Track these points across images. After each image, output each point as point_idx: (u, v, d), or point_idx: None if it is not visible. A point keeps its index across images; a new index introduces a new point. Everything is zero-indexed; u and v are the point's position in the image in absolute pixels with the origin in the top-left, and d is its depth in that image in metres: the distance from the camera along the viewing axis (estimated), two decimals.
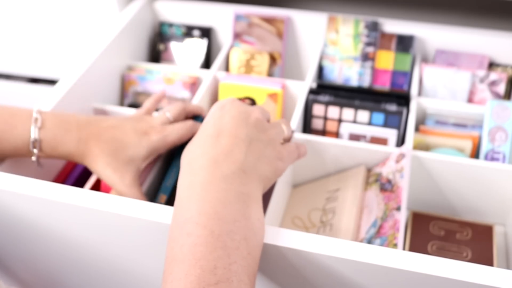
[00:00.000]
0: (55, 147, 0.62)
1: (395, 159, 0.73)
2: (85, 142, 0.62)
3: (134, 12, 0.96)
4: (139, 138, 0.64)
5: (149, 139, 0.65)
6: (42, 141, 0.62)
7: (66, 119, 0.63)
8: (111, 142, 0.63)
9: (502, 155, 0.79)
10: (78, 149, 0.62)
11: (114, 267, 0.64)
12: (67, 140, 0.62)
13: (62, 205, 0.56)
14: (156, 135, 0.65)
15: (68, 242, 0.63)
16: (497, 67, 0.90)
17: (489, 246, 0.73)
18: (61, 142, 0.62)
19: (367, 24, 0.92)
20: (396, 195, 0.67)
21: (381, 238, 0.64)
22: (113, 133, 0.63)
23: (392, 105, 0.83)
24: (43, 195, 0.56)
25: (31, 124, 0.61)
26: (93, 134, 0.63)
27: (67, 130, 0.62)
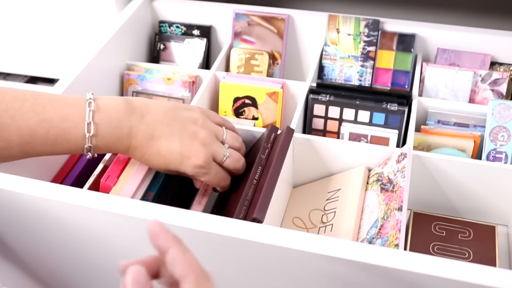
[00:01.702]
0: (107, 151, 0.63)
1: (396, 159, 0.72)
2: (133, 150, 0.64)
3: (133, 11, 0.96)
4: (181, 160, 0.63)
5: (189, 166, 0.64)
6: (95, 147, 0.62)
7: (119, 124, 0.62)
8: (156, 156, 0.64)
9: (504, 155, 0.78)
10: (128, 153, 0.64)
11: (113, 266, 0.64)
12: (119, 147, 0.63)
13: (62, 204, 0.56)
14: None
15: (67, 242, 0.62)
16: (499, 66, 0.90)
17: (492, 247, 0.72)
18: (113, 148, 0.63)
19: (367, 23, 0.91)
20: (397, 195, 0.67)
21: (382, 238, 0.64)
22: (158, 147, 0.63)
23: (393, 105, 0.82)
24: (42, 195, 0.56)
25: (85, 130, 0.60)
26: (140, 146, 0.63)
27: (119, 138, 0.62)
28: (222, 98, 0.89)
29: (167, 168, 0.64)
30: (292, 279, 0.55)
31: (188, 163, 0.63)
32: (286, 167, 0.74)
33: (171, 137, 0.63)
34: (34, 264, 0.69)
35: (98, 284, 0.69)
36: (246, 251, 0.53)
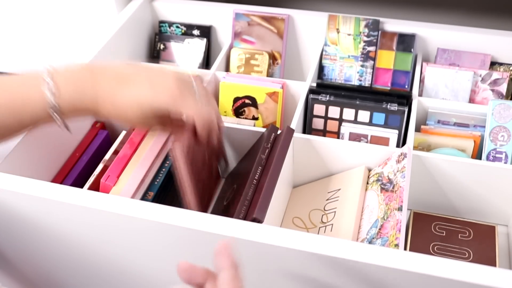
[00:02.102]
0: (73, 109, 0.59)
1: (396, 159, 0.72)
2: (102, 102, 0.59)
3: (133, 11, 0.96)
4: (153, 94, 0.60)
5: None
6: (60, 106, 0.58)
7: (80, 77, 0.59)
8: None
9: (504, 155, 0.78)
10: (97, 108, 0.59)
11: (113, 266, 0.64)
12: (85, 102, 0.59)
13: (62, 204, 0.56)
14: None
15: (67, 241, 0.62)
16: (499, 66, 0.90)
17: (492, 247, 0.72)
18: (78, 104, 0.59)
19: (367, 23, 0.91)
20: (397, 195, 0.67)
21: (382, 238, 0.64)
22: (128, 90, 0.60)
23: (393, 105, 0.82)
24: (42, 195, 0.56)
25: (45, 91, 0.57)
26: (108, 95, 0.59)
27: (83, 91, 0.59)
28: (222, 98, 0.89)
29: (141, 110, 0.60)
30: (292, 279, 0.55)
31: (160, 94, 0.59)
32: (286, 167, 0.74)
33: (138, 77, 0.60)
34: (33, 263, 0.69)
35: (97, 284, 0.69)
36: (246, 251, 0.53)
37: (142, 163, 0.70)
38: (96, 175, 0.71)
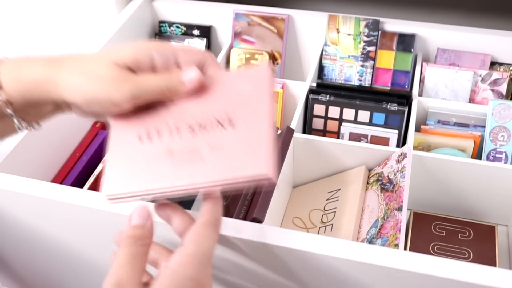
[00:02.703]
0: (19, 79, 0.52)
1: (396, 159, 0.72)
2: (54, 66, 0.52)
3: (133, 11, 0.96)
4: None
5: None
6: (10, 95, 0.51)
7: (34, 56, 0.53)
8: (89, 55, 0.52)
9: (504, 155, 0.78)
10: (47, 76, 0.51)
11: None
12: (32, 63, 0.52)
13: (62, 204, 0.56)
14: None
15: (67, 242, 0.62)
16: (499, 66, 0.90)
17: (492, 247, 0.72)
18: (24, 66, 0.52)
19: (367, 23, 0.91)
20: (397, 195, 0.67)
21: (382, 238, 0.64)
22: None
23: (393, 105, 0.82)
24: (42, 195, 0.56)
25: None
26: (61, 60, 0.52)
27: (34, 59, 0.53)
28: None
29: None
30: (292, 279, 0.55)
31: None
32: (286, 167, 0.74)
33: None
34: (32, 264, 0.69)
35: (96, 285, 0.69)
36: (246, 251, 0.53)
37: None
38: (96, 175, 0.71)
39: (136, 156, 0.50)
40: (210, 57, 0.53)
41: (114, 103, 0.49)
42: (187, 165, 0.48)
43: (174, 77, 0.51)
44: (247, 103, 0.50)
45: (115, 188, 0.49)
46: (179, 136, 0.50)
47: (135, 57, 0.50)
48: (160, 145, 0.50)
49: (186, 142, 0.49)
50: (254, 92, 0.50)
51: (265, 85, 0.50)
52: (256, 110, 0.49)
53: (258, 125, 0.48)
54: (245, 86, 0.51)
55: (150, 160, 0.49)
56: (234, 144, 0.47)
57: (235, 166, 0.46)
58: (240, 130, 0.48)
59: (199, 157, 0.48)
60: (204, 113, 0.50)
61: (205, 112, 0.50)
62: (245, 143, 0.47)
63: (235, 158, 0.46)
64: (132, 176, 0.49)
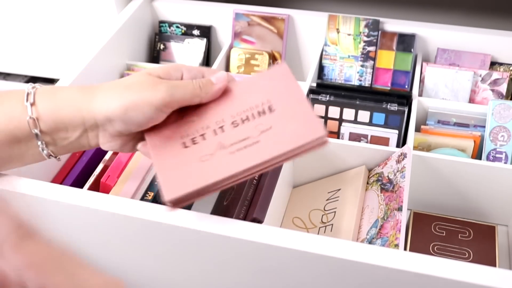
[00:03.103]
0: (54, 112, 0.53)
1: (396, 159, 0.72)
2: (88, 89, 0.54)
3: (133, 11, 0.96)
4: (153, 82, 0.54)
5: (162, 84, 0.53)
6: (40, 114, 0.52)
7: (63, 90, 0.55)
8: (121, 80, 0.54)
9: (504, 155, 0.78)
10: (80, 96, 0.53)
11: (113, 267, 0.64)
12: (67, 90, 0.54)
13: (61, 205, 0.56)
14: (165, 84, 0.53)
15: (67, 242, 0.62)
16: (499, 66, 0.90)
17: (492, 247, 0.72)
18: (60, 94, 0.54)
19: (367, 23, 0.91)
20: (397, 195, 0.67)
21: (382, 238, 0.64)
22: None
23: (393, 105, 0.82)
24: (42, 195, 0.56)
25: (24, 101, 0.53)
26: (95, 85, 0.55)
27: (63, 88, 0.55)
28: None
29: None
30: (292, 279, 0.55)
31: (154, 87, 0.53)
32: (286, 167, 0.74)
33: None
34: None
35: None
36: (246, 251, 0.53)
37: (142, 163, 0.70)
38: (96, 175, 0.71)
39: (187, 159, 0.52)
40: (231, 76, 0.58)
41: (152, 104, 0.51)
42: (245, 150, 0.50)
43: (204, 78, 0.55)
44: (279, 92, 0.54)
45: (177, 190, 0.49)
46: (225, 133, 0.52)
47: (167, 71, 0.55)
48: (210, 144, 0.52)
49: (235, 134, 0.52)
50: (281, 83, 0.55)
51: (289, 76, 0.55)
52: (290, 95, 0.53)
53: (298, 104, 0.52)
54: (271, 82, 0.55)
55: (204, 157, 0.51)
56: (283, 122, 0.51)
57: (291, 137, 0.50)
58: (283, 112, 0.52)
59: (254, 141, 0.51)
60: (241, 109, 0.54)
61: (242, 108, 0.54)
62: (293, 119, 0.51)
63: (288, 132, 0.50)
64: (191, 175, 0.50)
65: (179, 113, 0.55)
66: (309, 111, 0.51)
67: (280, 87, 0.54)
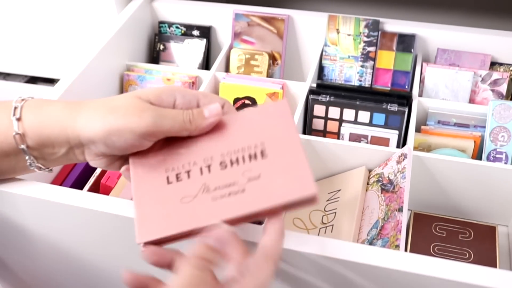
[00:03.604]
0: (40, 129, 0.51)
1: (396, 160, 0.72)
2: (74, 106, 0.51)
3: (133, 12, 0.96)
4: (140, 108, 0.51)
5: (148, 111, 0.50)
6: (24, 119, 0.51)
7: (50, 103, 0.53)
8: (106, 100, 0.52)
9: (505, 155, 0.78)
10: (66, 114, 0.51)
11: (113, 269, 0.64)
12: (52, 106, 0.52)
13: (61, 206, 0.56)
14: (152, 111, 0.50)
15: (67, 243, 0.62)
16: (499, 66, 0.89)
17: (492, 247, 0.72)
18: (46, 109, 0.52)
19: (367, 24, 0.91)
20: (397, 195, 0.67)
21: (382, 239, 0.64)
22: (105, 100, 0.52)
23: (393, 105, 0.82)
24: (41, 197, 0.56)
25: (11, 115, 0.51)
26: (82, 102, 0.52)
27: (51, 102, 0.53)
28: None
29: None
30: (292, 280, 0.55)
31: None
32: None
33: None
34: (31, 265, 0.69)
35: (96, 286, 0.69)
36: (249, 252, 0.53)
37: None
38: (96, 177, 0.71)
39: (168, 197, 0.49)
40: (229, 103, 0.54)
41: (135, 132, 0.48)
42: (228, 199, 0.47)
43: (196, 110, 0.51)
44: (274, 134, 0.50)
45: (151, 233, 0.47)
46: (212, 174, 0.49)
47: (159, 94, 0.51)
48: (194, 184, 0.49)
49: (221, 177, 0.48)
50: (278, 124, 0.51)
51: (287, 116, 0.51)
52: (285, 140, 0.49)
53: (292, 152, 0.48)
54: (268, 120, 0.51)
55: (185, 199, 0.48)
56: (273, 172, 0.47)
57: (280, 192, 0.46)
58: (274, 159, 0.48)
59: (239, 189, 0.47)
60: (232, 149, 0.50)
61: (233, 148, 0.50)
62: (283, 170, 0.47)
63: (277, 185, 0.47)
64: (169, 218, 0.48)
65: (167, 140, 0.52)
66: (302, 163, 0.47)
67: (276, 129, 0.50)
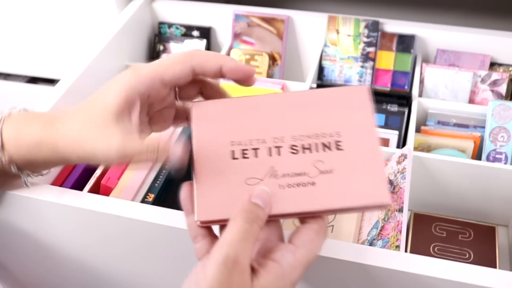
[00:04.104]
0: (19, 141, 0.50)
1: (396, 160, 0.72)
2: (52, 122, 0.49)
3: (133, 12, 0.96)
4: (111, 82, 0.49)
5: (121, 77, 0.49)
6: (3, 132, 0.50)
7: (34, 113, 0.52)
8: (82, 106, 0.49)
9: (504, 156, 0.78)
10: (45, 130, 0.49)
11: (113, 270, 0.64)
12: (30, 126, 0.50)
13: (61, 207, 0.56)
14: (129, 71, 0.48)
15: (67, 244, 0.62)
16: (498, 67, 0.90)
17: (492, 248, 0.72)
18: (24, 128, 0.50)
19: (367, 24, 0.92)
20: (398, 196, 0.67)
21: (383, 240, 0.64)
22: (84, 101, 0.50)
23: (393, 106, 0.82)
24: (42, 198, 0.56)
25: None
26: (62, 112, 0.50)
27: (34, 116, 0.51)
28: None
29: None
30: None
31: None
32: None
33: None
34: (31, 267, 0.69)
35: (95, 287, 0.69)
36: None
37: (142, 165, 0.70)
38: (96, 177, 0.71)
39: (232, 175, 0.46)
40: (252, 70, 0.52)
41: (107, 161, 0.47)
42: (296, 190, 0.44)
43: (162, 146, 0.46)
44: (351, 125, 0.47)
45: (211, 213, 0.45)
46: (281, 158, 0.46)
47: (171, 74, 0.48)
48: (261, 165, 0.46)
49: (291, 163, 0.45)
50: (356, 113, 0.47)
51: (367, 105, 0.47)
52: (363, 133, 0.46)
53: (369, 150, 0.45)
54: (345, 107, 0.48)
55: (251, 180, 0.45)
56: (347, 170, 0.45)
57: (352, 193, 0.44)
58: (350, 155, 0.45)
59: (309, 181, 0.45)
60: (306, 133, 0.47)
61: (306, 132, 0.47)
62: (358, 170, 0.45)
63: (351, 185, 0.44)
64: (232, 198, 0.44)
65: (235, 99, 0.50)
66: (378, 165, 0.44)
67: (354, 119, 0.47)
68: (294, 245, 0.42)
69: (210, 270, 0.39)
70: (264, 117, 0.48)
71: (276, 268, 0.41)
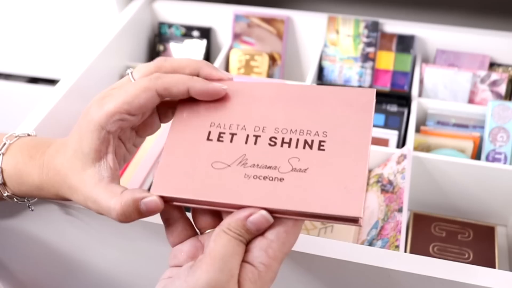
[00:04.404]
0: (19, 178, 0.50)
1: (396, 160, 0.72)
2: (48, 167, 0.49)
3: (133, 13, 0.96)
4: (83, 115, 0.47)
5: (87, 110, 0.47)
6: (4, 170, 0.50)
7: (36, 143, 0.51)
8: (66, 141, 0.49)
9: (504, 156, 0.78)
10: (43, 176, 0.49)
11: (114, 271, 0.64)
12: (30, 168, 0.49)
13: (61, 207, 0.56)
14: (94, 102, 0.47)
15: (67, 245, 0.62)
16: (498, 67, 0.90)
17: (491, 247, 0.73)
18: (24, 171, 0.49)
19: (367, 25, 0.92)
20: (397, 196, 0.67)
21: (382, 240, 0.64)
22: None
23: (393, 106, 0.82)
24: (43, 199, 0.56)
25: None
26: (55, 146, 0.50)
27: (31, 156, 0.50)
28: None
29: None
30: (290, 281, 0.55)
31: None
32: None
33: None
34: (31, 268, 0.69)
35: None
36: None
37: (143, 165, 0.70)
38: None
39: (201, 155, 0.44)
40: (203, 63, 0.49)
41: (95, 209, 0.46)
42: (260, 183, 0.41)
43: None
44: (343, 127, 0.43)
45: (168, 189, 0.43)
46: (256, 147, 0.43)
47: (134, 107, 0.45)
48: (233, 151, 0.43)
49: (264, 154, 0.43)
50: (354, 116, 0.43)
51: (368, 110, 0.43)
52: (352, 138, 0.42)
53: (354, 157, 0.41)
54: (346, 108, 0.44)
55: (217, 164, 0.43)
56: (322, 172, 0.41)
57: (320, 199, 0.40)
58: (330, 157, 0.42)
59: (277, 175, 0.41)
60: (290, 127, 0.44)
61: (291, 126, 0.44)
62: (335, 174, 0.41)
63: (321, 189, 0.40)
64: (193, 179, 0.43)
65: (233, 83, 0.47)
66: (359, 176, 0.40)
67: (348, 121, 0.43)
68: (270, 240, 0.41)
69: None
70: (253, 105, 0.46)
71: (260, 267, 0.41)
